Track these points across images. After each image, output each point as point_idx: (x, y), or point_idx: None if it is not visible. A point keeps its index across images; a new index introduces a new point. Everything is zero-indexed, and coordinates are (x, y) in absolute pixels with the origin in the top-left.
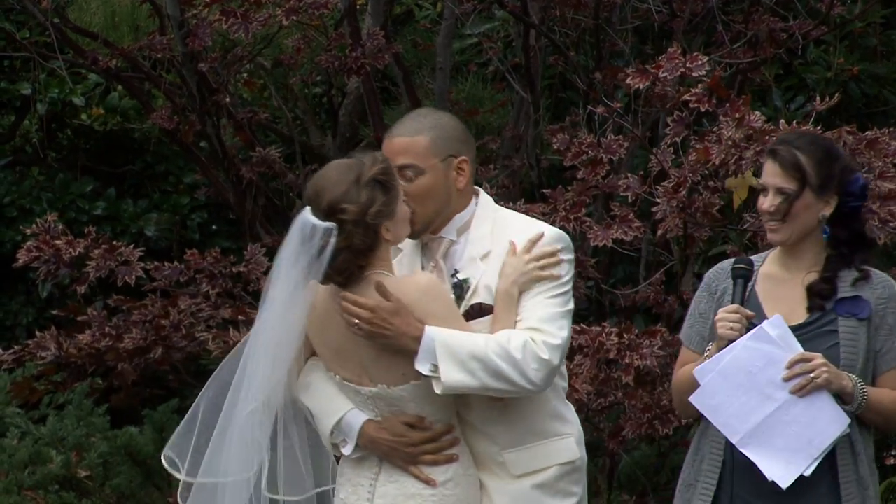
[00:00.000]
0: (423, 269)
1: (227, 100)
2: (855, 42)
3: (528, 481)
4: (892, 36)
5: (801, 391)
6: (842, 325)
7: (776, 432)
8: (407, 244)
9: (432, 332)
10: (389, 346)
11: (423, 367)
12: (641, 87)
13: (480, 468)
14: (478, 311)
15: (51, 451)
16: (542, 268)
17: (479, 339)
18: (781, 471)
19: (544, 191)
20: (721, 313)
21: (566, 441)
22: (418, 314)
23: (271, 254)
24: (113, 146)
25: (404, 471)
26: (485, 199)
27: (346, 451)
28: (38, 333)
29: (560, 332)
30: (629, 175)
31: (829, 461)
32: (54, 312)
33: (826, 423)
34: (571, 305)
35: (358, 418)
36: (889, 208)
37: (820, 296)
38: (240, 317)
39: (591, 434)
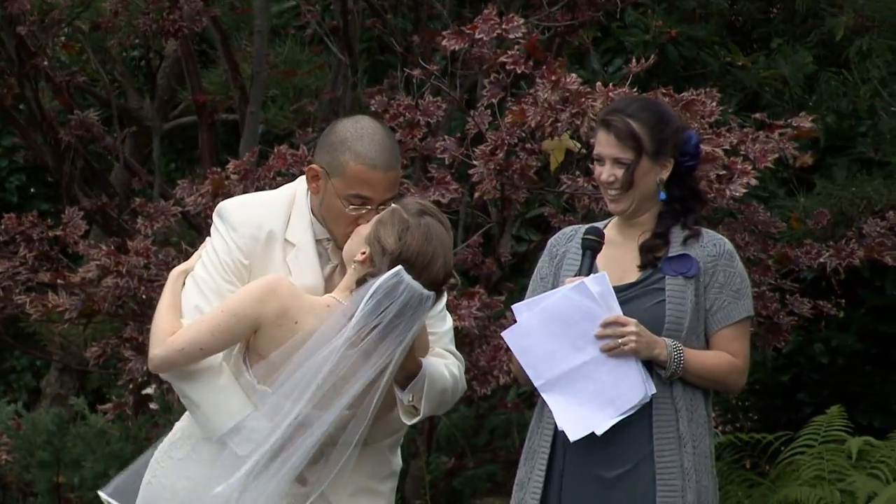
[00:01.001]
0: (322, 269)
1: (46, 63)
2: (673, 4)
3: (386, 444)
4: None
5: (611, 352)
6: (668, 284)
7: (579, 386)
8: (305, 243)
9: (425, 368)
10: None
11: (406, 397)
12: (458, 49)
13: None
14: None
15: None
16: None
17: (444, 372)
18: (574, 424)
19: None
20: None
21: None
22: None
23: (89, 217)
24: None
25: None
26: None
27: (242, 450)
28: None
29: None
30: (446, 137)
31: (648, 417)
32: None
33: (628, 387)
34: None
35: (264, 423)
36: (705, 171)
37: (651, 251)
38: (58, 280)
39: None
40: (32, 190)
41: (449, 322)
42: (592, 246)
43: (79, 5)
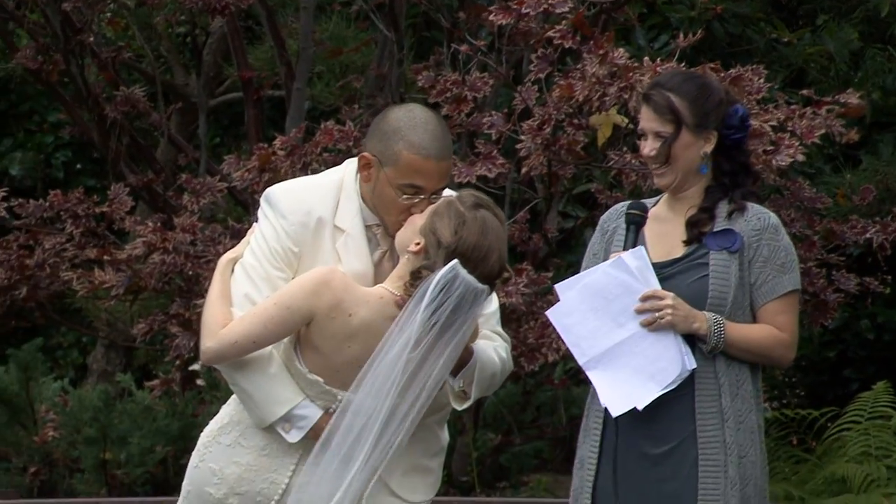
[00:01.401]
0: (371, 254)
1: (91, 39)
2: None
3: (434, 420)
4: None
5: (649, 327)
6: (712, 258)
7: (622, 362)
8: (355, 229)
9: (477, 355)
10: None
11: (457, 383)
12: (505, 24)
13: None
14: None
15: None
16: None
17: (494, 356)
18: (617, 400)
19: None
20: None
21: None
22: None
23: (135, 193)
24: None
25: None
26: None
27: (293, 437)
28: None
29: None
30: (493, 113)
31: (691, 393)
32: None
33: (667, 362)
34: None
35: (314, 412)
36: (753, 146)
37: (695, 226)
38: (105, 257)
39: None
40: (78, 166)
41: (496, 303)
42: (636, 221)
43: None
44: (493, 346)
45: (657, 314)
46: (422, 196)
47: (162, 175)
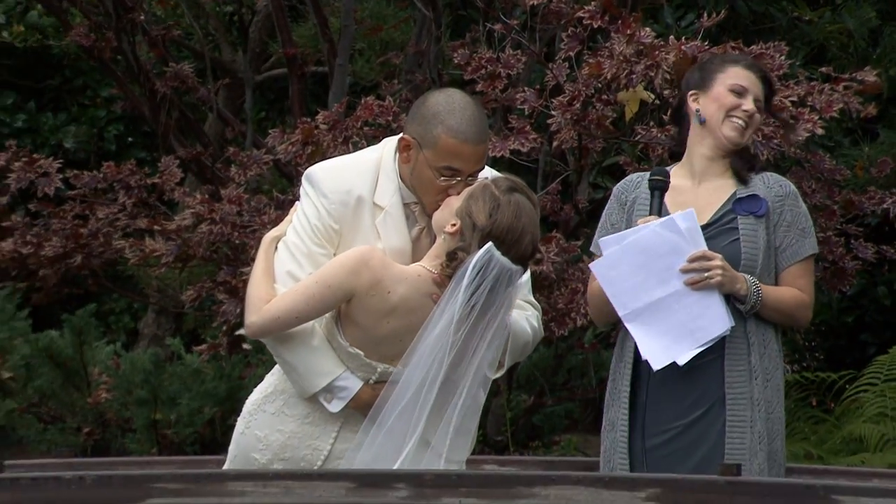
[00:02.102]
0: (409, 231)
1: (142, 17)
2: None
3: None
4: None
5: (696, 285)
6: (741, 223)
7: (663, 316)
8: (393, 207)
9: (510, 325)
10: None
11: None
12: (537, 4)
13: None
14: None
15: None
16: None
17: (526, 326)
18: (658, 353)
19: None
20: (640, 223)
21: None
22: None
23: (184, 165)
24: (33, 62)
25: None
26: None
27: (334, 407)
28: None
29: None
30: (526, 89)
31: (721, 352)
32: None
33: (710, 320)
34: None
35: (355, 383)
36: (773, 122)
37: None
38: (155, 226)
39: None
40: (130, 139)
41: (527, 273)
42: (660, 186)
43: None
44: (525, 316)
45: (706, 274)
46: (459, 178)
47: (210, 148)
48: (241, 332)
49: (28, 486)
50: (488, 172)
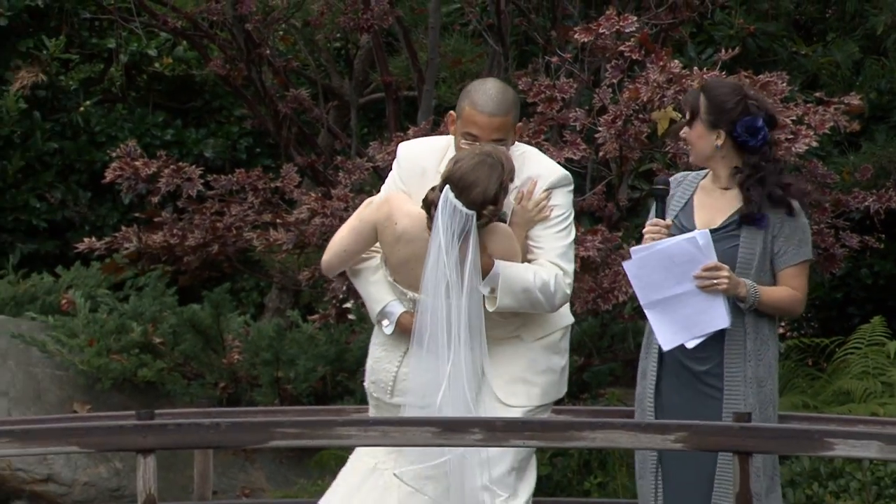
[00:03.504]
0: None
1: (268, 51)
2: (751, 6)
3: (539, 344)
4: (781, 1)
5: (705, 289)
6: (743, 232)
7: (675, 309)
8: (437, 145)
9: (498, 268)
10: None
11: (485, 289)
12: (586, 41)
13: (503, 342)
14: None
15: (132, 322)
16: (540, 211)
17: (529, 275)
18: (667, 337)
19: None
20: (647, 226)
21: (564, 309)
22: (501, 253)
23: (301, 171)
24: (179, 88)
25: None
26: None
27: (387, 330)
28: (123, 228)
29: (572, 266)
30: (577, 109)
31: (722, 338)
32: (135, 215)
33: (713, 316)
34: (574, 233)
35: (397, 308)
36: (777, 137)
37: (748, 209)
38: (278, 220)
39: None
40: (258, 150)
41: (560, 242)
42: (661, 194)
43: (293, 6)
44: (533, 268)
45: (714, 281)
46: (476, 143)
47: (322, 157)
48: (348, 305)
49: (174, 431)
50: (549, 168)
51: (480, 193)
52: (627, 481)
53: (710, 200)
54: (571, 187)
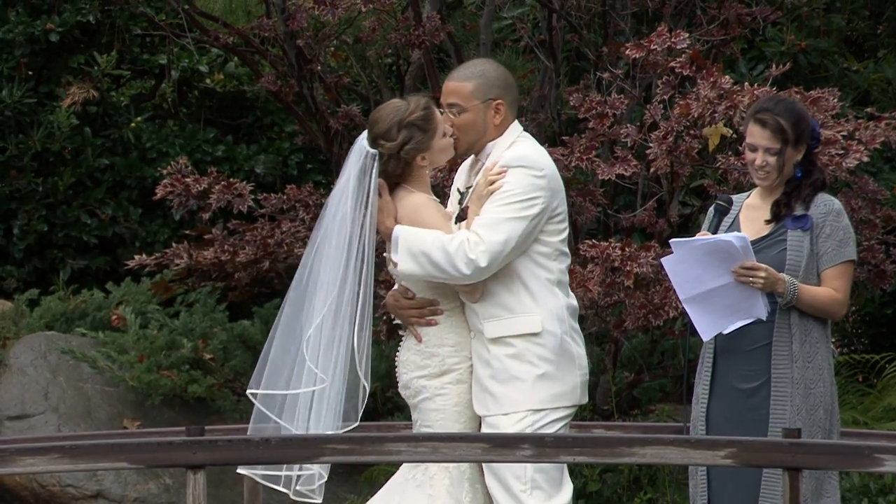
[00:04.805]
0: (468, 182)
1: (319, 68)
2: (803, 23)
3: (502, 350)
4: (832, 18)
5: (742, 282)
6: (790, 236)
7: (712, 302)
8: (466, 161)
9: (398, 231)
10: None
11: (393, 255)
12: (638, 57)
13: (475, 343)
14: (464, 214)
15: (182, 339)
16: (490, 184)
17: (428, 238)
18: (706, 327)
19: (564, 138)
20: (698, 235)
21: (531, 317)
22: (408, 220)
23: None
24: (230, 104)
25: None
26: (512, 129)
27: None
28: (173, 244)
29: (494, 237)
30: (628, 125)
31: (769, 338)
32: (186, 232)
33: (747, 309)
34: (526, 213)
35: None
36: (829, 152)
37: (778, 210)
38: None
39: (600, 325)
40: (309, 166)
41: (492, 214)
42: (723, 210)
43: (345, 23)
44: (438, 234)
45: (751, 279)
46: (443, 110)
47: None
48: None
49: (224, 447)
50: (519, 151)
51: (380, 129)
52: (677, 497)
53: (757, 214)
54: (535, 171)
